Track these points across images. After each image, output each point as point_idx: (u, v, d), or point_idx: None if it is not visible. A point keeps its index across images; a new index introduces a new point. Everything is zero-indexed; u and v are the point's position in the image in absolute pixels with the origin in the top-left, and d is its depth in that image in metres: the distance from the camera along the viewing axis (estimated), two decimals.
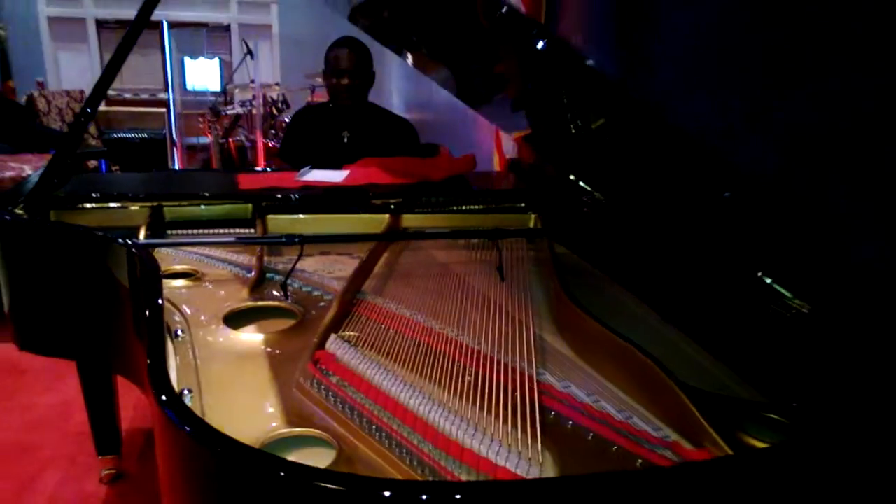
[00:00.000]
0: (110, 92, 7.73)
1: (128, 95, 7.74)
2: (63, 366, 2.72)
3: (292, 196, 1.80)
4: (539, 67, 1.49)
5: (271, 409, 1.01)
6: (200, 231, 1.72)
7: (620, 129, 1.50)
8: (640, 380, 1.06)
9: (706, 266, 1.24)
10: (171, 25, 7.75)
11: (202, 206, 1.79)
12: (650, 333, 1.22)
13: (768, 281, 1.13)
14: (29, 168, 3.53)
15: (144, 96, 7.77)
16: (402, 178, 1.91)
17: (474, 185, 2.08)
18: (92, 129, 6.16)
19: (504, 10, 1.28)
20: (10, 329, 1.71)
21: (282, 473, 0.68)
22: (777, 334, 1.10)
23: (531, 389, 1.05)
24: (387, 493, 0.65)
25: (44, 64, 7.47)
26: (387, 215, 1.77)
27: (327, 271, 1.54)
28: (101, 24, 7.56)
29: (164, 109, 6.84)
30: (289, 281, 1.43)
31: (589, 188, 1.65)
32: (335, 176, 1.92)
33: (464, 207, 1.83)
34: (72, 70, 7.56)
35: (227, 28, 7.75)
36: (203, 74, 7.67)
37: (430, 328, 1.25)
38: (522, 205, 1.92)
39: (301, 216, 1.78)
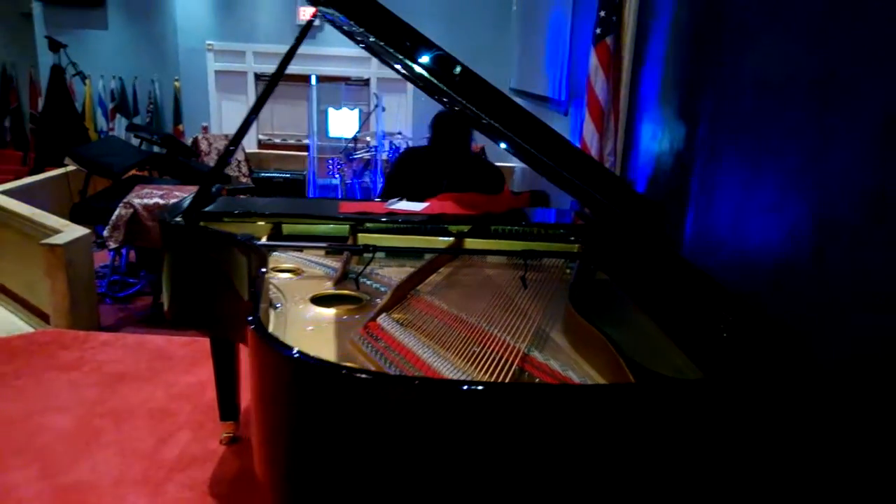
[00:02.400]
0: (262, 137, 8.86)
1: (277, 140, 8.84)
2: (199, 354, 3.42)
3: (381, 219, 2.31)
4: None
5: (326, 353, 1.48)
6: (309, 244, 2.27)
7: None
8: (604, 361, 1.43)
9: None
10: (318, 79, 8.83)
11: (311, 224, 2.34)
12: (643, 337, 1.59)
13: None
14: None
15: (291, 141, 8.83)
16: (471, 209, 2.37)
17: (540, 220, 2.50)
18: (244, 168, 7.16)
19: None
20: (165, 313, 2.33)
21: (342, 372, 1.14)
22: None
23: (515, 355, 1.45)
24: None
25: (209, 111, 8.72)
26: (453, 238, 2.23)
27: (397, 277, 2.01)
28: (259, 77, 8.74)
29: (306, 153, 7.80)
30: (363, 280, 1.92)
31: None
32: (416, 206, 2.41)
33: (511, 231, 2.26)
34: (232, 116, 8.76)
35: (366, 82, 8.68)
36: (343, 123, 8.60)
37: (458, 316, 1.69)
38: (572, 238, 2.31)
39: (386, 235, 2.28)
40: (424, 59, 1.72)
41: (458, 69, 1.74)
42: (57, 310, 4.04)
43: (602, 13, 2.96)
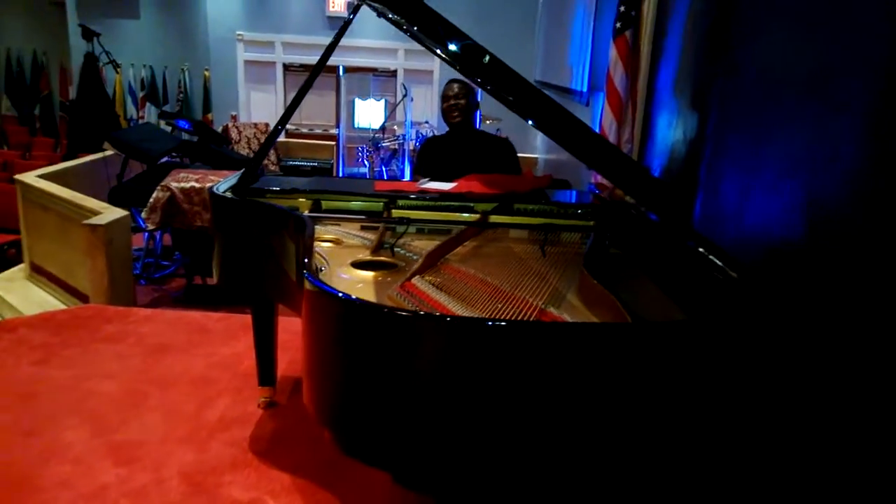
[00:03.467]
0: (290, 126, 9.17)
1: (304, 130, 9.15)
2: (235, 328, 3.69)
3: (413, 196, 2.55)
4: None
5: None
6: (351, 216, 2.52)
7: None
8: (611, 314, 1.66)
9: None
10: (346, 70, 9.11)
11: (348, 202, 2.59)
12: (643, 296, 1.81)
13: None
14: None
15: (318, 131, 9.13)
16: (495, 188, 2.60)
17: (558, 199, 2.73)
18: (272, 156, 7.46)
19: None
20: (215, 278, 2.60)
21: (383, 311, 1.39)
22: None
23: (533, 309, 1.69)
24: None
25: (238, 100, 9.05)
26: (479, 214, 2.47)
27: (427, 248, 2.25)
28: (287, 68, 9.04)
29: (333, 143, 8.09)
30: (398, 249, 2.16)
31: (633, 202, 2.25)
32: (445, 185, 2.65)
33: (532, 210, 2.49)
34: (260, 106, 9.10)
35: (393, 73, 8.95)
36: (370, 113, 8.89)
37: (483, 279, 1.92)
38: (588, 216, 2.54)
39: (418, 211, 2.52)
40: (454, 47, 1.95)
41: (486, 58, 1.98)
42: (96, 288, 4.34)
43: (622, 8, 3.18)
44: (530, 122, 1.84)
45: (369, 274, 1.97)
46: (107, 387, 3.06)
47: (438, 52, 1.83)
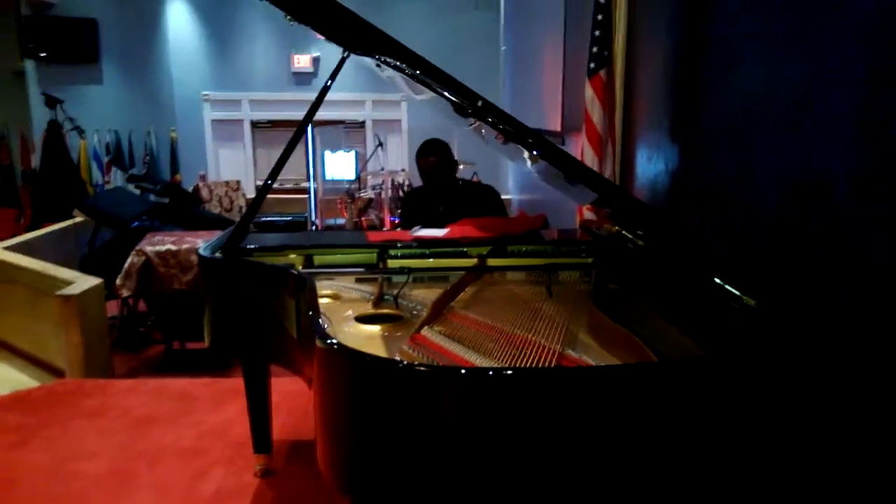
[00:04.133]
0: (260, 182, 9.09)
1: (276, 185, 9.10)
2: (222, 394, 3.57)
3: (407, 245, 2.51)
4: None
5: None
6: (350, 270, 2.45)
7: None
8: (631, 352, 1.61)
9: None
10: (314, 124, 9.12)
11: (341, 255, 2.53)
12: (656, 330, 1.77)
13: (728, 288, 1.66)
14: (201, 241, 4.53)
15: (289, 185, 9.09)
16: (489, 232, 2.56)
17: (555, 239, 2.71)
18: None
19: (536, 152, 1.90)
20: (204, 337, 2.50)
21: (404, 367, 1.32)
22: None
23: (552, 354, 1.63)
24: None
25: (206, 159, 8.99)
26: (476, 259, 2.42)
27: (428, 297, 2.20)
28: (255, 125, 9.04)
29: (305, 196, 8.04)
30: (400, 300, 2.10)
31: (630, 236, 2.23)
32: (438, 232, 2.61)
33: (528, 251, 2.46)
34: (229, 164, 9.04)
35: (362, 124, 8.99)
36: (340, 165, 8.88)
37: (493, 325, 1.87)
38: (583, 253, 2.51)
39: (413, 260, 2.46)
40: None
41: (479, 102, 1.99)
42: (71, 361, 4.17)
43: (594, 49, 3.25)
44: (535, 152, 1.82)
45: (375, 328, 1.90)
46: (92, 467, 2.91)
47: (446, 94, 1.81)
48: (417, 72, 1.91)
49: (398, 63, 1.96)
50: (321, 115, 8.87)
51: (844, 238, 1.61)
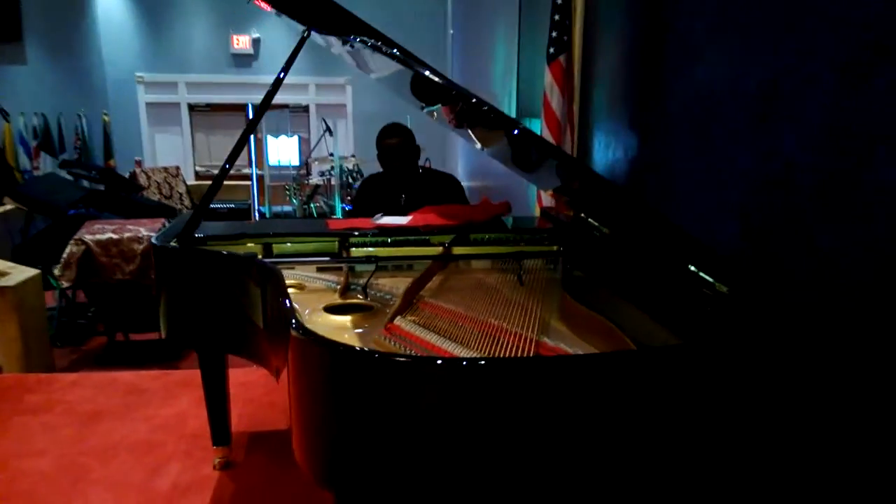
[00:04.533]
0: (199, 168, 8.87)
1: (216, 171, 8.87)
2: (172, 386, 3.49)
3: (370, 233, 2.48)
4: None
5: None
6: (300, 261, 2.41)
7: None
8: (607, 339, 1.64)
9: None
10: (255, 108, 8.93)
11: (300, 243, 2.49)
12: (627, 316, 1.80)
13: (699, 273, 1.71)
14: (144, 230, 4.39)
15: (231, 172, 8.87)
16: (453, 220, 2.56)
17: (514, 226, 2.72)
18: (186, 200, 7.18)
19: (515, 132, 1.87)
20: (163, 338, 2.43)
21: (376, 357, 1.31)
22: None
23: (529, 343, 1.65)
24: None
25: (142, 144, 8.69)
26: (441, 247, 2.42)
27: (395, 287, 2.19)
28: (193, 108, 8.77)
29: (247, 182, 7.88)
30: (368, 290, 2.09)
31: (596, 223, 2.26)
32: (401, 220, 2.59)
33: (494, 238, 2.47)
34: (166, 149, 8.76)
35: (305, 108, 8.84)
36: (284, 150, 8.72)
37: (466, 315, 1.87)
38: (546, 238, 2.54)
39: (376, 249, 2.45)
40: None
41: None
42: (9, 356, 4.01)
43: (554, 34, 3.26)
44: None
45: (345, 318, 1.88)
46: (40, 464, 2.81)
47: (419, 70, 1.79)
48: (387, 49, 1.88)
49: (367, 41, 1.93)
50: (261, 98, 8.65)
51: (807, 229, 1.66)
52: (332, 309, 1.95)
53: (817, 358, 1.39)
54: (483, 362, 1.38)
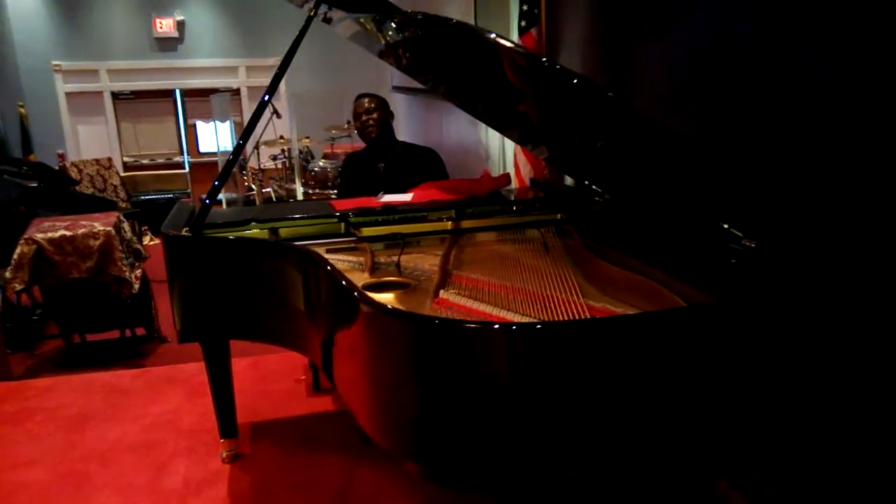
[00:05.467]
0: (127, 159, 8.49)
1: (145, 161, 8.52)
2: (156, 383, 3.39)
3: (378, 212, 2.48)
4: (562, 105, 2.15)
5: None
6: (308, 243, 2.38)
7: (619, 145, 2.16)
8: (650, 297, 1.71)
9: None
10: (184, 94, 8.61)
11: (305, 226, 2.46)
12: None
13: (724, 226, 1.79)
14: (99, 224, 4.19)
15: (160, 160, 8.54)
16: (455, 194, 2.58)
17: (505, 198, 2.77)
18: (121, 193, 6.87)
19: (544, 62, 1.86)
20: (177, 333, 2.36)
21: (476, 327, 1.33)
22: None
23: (579, 305, 1.70)
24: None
25: (63, 136, 8.23)
26: (449, 222, 2.44)
27: (415, 263, 2.20)
28: (117, 96, 8.36)
29: (182, 171, 7.62)
30: (391, 267, 2.09)
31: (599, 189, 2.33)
32: (404, 197, 2.59)
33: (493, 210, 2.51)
34: (90, 140, 8.33)
35: (236, 92, 8.56)
36: (216, 136, 8.45)
37: (503, 284, 1.91)
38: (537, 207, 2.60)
39: (385, 226, 2.44)
40: None
41: None
42: None
43: (524, 7, 3.29)
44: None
45: (389, 296, 1.88)
46: (34, 474, 2.69)
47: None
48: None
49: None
50: (189, 83, 8.34)
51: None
52: (370, 288, 1.95)
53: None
54: (583, 324, 1.42)
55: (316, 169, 5.64)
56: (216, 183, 2.31)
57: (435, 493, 2.42)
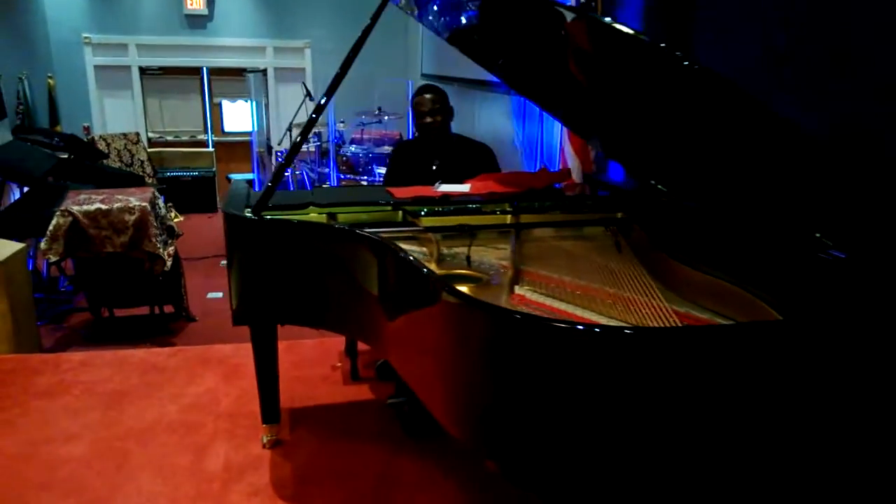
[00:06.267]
0: (152, 135, 8.43)
1: (170, 138, 8.46)
2: (192, 363, 3.35)
3: (437, 202, 2.42)
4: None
5: None
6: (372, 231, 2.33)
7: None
8: (727, 299, 1.65)
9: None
10: (211, 72, 8.54)
11: (364, 212, 2.40)
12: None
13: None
14: (134, 199, 4.14)
15: (185, 138, 8.48)
16: (514, 187, 2.52)
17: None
18: (148, 168, 6.83)
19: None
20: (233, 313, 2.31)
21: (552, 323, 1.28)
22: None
23: (665, 311, 1.64)
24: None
25: (90, 110, 8.18)
26: (509, 214, 2.38)
27: (478, 255, 2.14)
28: (144, 72, 8.30)
29: (208, 150, 7.56)
30: (455, 260, 2.04)
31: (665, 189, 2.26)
32: (462, 187, 2.53)
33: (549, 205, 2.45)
34: (116, 114, 8.27)
35: (264, 73, 8.49)
36: (241, 116, 8.39)
37: (578, 283, 1.85)
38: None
39: (445, 217, 2.37)
40: None
41: None
42: None
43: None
44: None
45: (463, 289, 1.83)
46: (75, 450, 2.65)
47: None
48: None
49: None
50: (217, 62, 8.28)
51: None
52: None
53: None
54: (680, 332, 1.36)
55: (348, 154, 5.58)
56: (281, 163, 2.25)
57: (474, 485, 2.39)
